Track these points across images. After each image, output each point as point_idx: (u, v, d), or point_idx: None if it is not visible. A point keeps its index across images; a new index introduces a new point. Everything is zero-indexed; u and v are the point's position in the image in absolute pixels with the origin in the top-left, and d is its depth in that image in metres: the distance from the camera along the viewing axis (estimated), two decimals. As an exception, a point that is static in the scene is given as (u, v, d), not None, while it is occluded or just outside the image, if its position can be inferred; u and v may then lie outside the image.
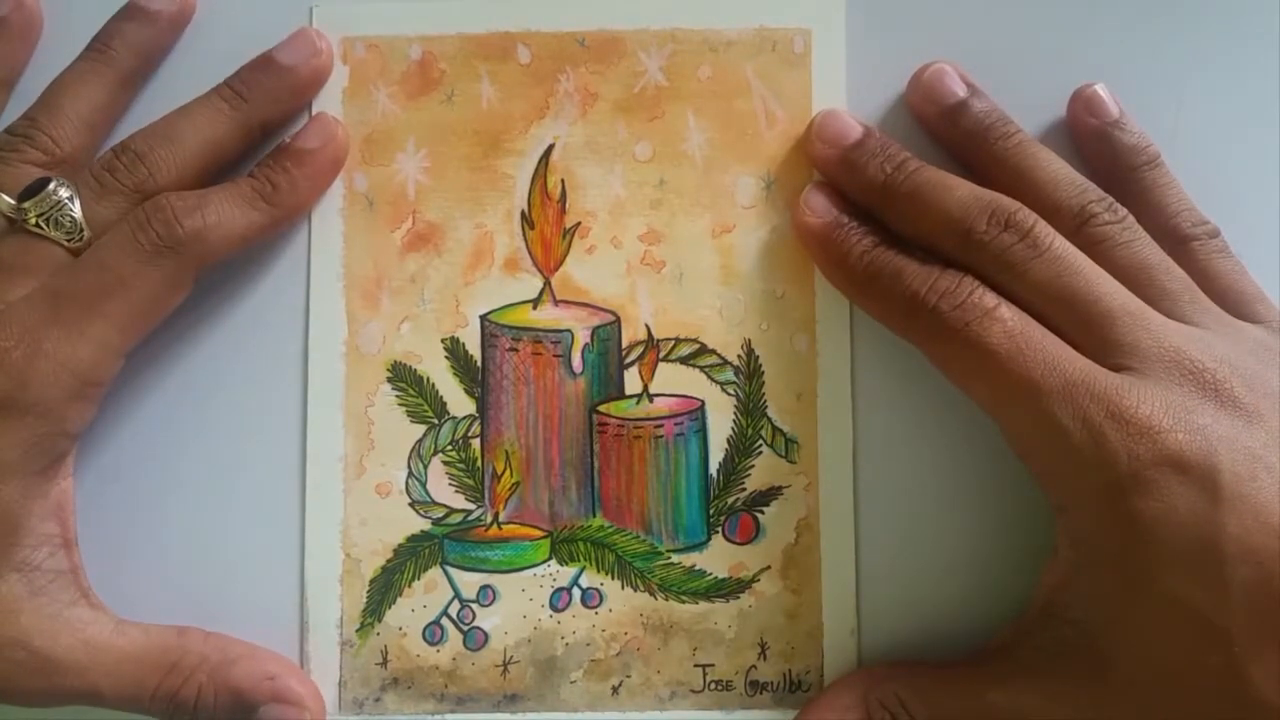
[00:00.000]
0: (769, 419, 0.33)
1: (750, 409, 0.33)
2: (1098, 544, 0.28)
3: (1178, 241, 0.31)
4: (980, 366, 0.29)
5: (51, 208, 0.30)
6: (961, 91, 0.32)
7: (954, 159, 0.33)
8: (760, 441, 0.33)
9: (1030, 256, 0.29)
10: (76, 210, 0.30)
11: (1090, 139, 0.33)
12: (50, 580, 0.30)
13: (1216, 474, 0.26)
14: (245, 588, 0.33)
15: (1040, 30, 0.34)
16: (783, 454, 0.33)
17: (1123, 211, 0.30)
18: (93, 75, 0.33)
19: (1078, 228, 0.30)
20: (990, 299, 0.29)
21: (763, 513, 0.33)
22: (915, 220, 0.31)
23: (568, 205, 0.34)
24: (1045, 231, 0.29)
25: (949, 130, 0.32)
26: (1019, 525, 0.32)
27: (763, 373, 0.33)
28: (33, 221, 0.30)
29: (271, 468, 0.33)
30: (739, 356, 0.33)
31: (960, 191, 0.30)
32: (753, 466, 0.33)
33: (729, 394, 0.33)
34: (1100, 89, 0.33)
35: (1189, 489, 0.26)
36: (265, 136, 0.33)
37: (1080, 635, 0.28)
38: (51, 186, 0.30)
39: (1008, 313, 0.28)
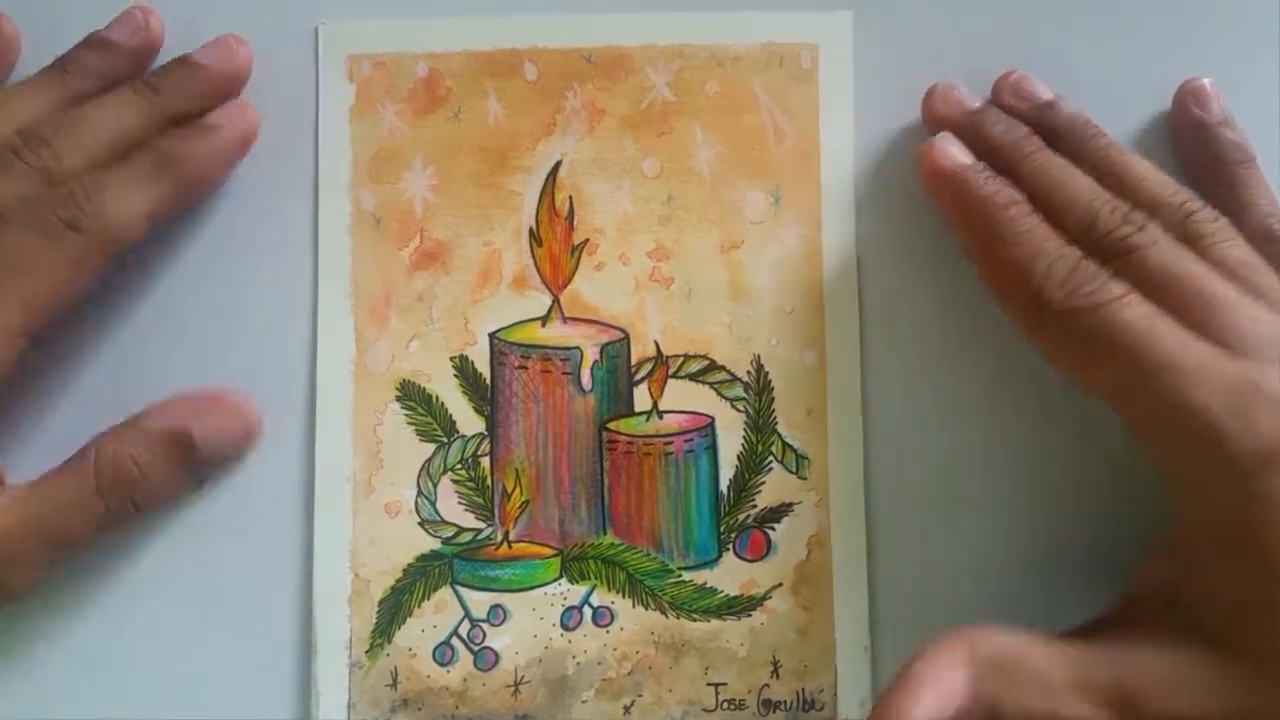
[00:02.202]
0: (779, 435, 0.33)
1: (760, 425, 0.33)
2: (1236, 524, 0.27)
3: (1264, 240, 0.31)
4: (1111, 346, 0.28)
5: None
6: (1050, 94, 0.33)
7: None
8: (770, 458, 0.33)
9: (1148, 242, 0.29)
10: None
11: (1193, 131, 0.33)
12: None
13: None
14: (252, 608, 0.32)
15: (1044, 43, 0.34)
16: (793, 470, 0.33)
17: (1217, 212, 0.30)
18: (43, 91, 0.32)
19: (1181, 221, 0.30)
20: (1120, 288, 0.28)
21: (774, 529, 0.33)
22: (1039, 196, 0.30)
23: (576, 222, 0.33)
24: (1157, 228, 0.29)
25: (1037, 126, 0.32)
26: (1033, 539, 0.32)
27: (772, 389, 0.33)
28: None
29: (279, 487, 0.33)
30: (748, 372, 0.33)
31: (1084, 179, 0.30)
32: (763, 483, 0.33)
33: (739, 410, 0.33)
34: (1208, 83, 0.33)
35: None
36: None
37: (1206, 620, 0.27)
38: None
39: (1137, 299, 0.28)
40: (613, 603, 0.33)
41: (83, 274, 0.30)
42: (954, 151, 0.31)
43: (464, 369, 0.33)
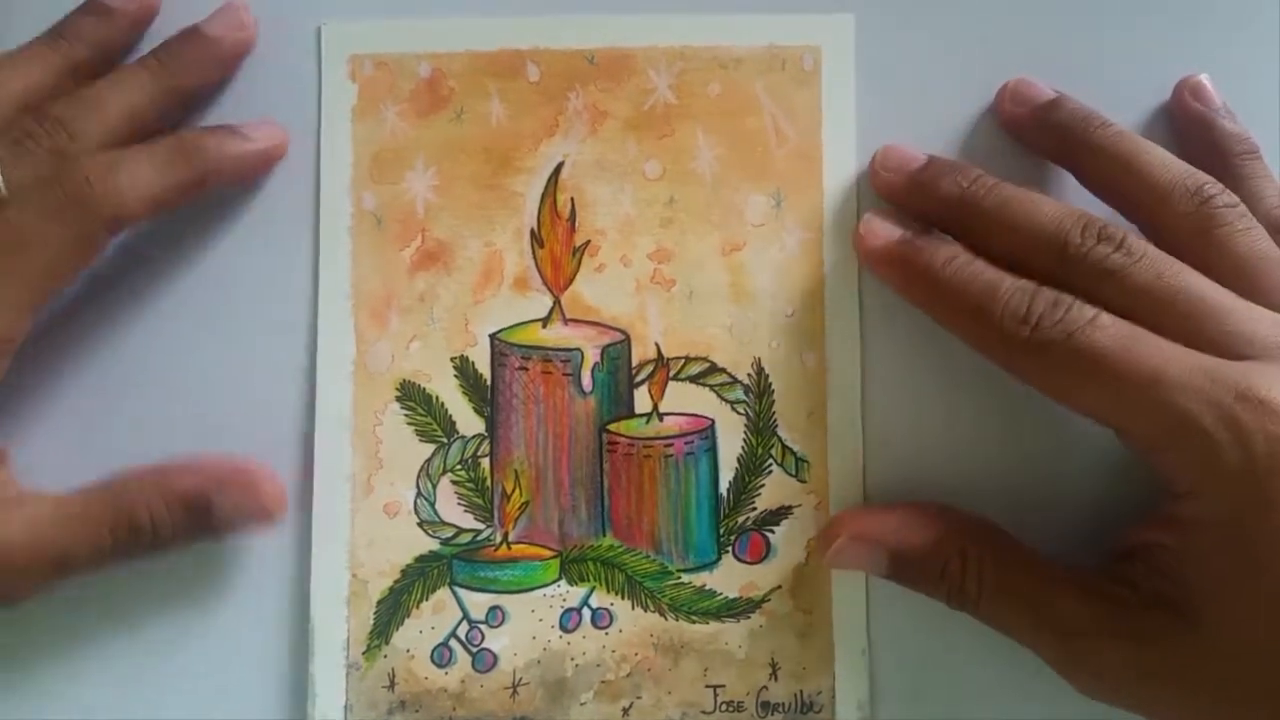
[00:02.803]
0: (779, 438, 0.33)
1: (760, 427, 0.33)
2: (1229, 526, 0.27)
3: (1273, 232, 0.30)
4: (1092, 370, 0.27)
5: None
6: (1051, 94, 0.33)
7: (1045, 156, 0.33)
8: (770, 460, 0.33)
9: (1130, 262, 0.28)
10: None
11: (1195, 124, 0.33)
12: None
13: None
14: (250, 610, 0.32)
15: (1044, 43, 0.34)
16: (793, 473, 0.33)
17: (1236, 198, 0.30)
18: (39, 59, 0.32)
19: (1197, 207, 0.29)
20: (1089, 310, 0.28)
21: (773, 532, 0.33)
22: (1002, 235, 0.30)
23: (577, 223, 0.33)
24: (1138, 241, 0.29)
25: (1040, 127, 0.32)
26: (1033, 540, 0.32)
27: (772, 391, 0.33)
28: None
29: (278, 487, 0.33)
30: (749, 375, 0.33)
31: (1049, 205, 0.30)
32: (763, 485, 0.33)
33: (739, 413, 0.33)
34: (1205, 79, 0.33)
35: None
36: (186, 109, 0.33)
37: (1179, 594, 0.27)
38: None
39: (1108, 320, 0.28)
40: (612, 604, 0.33)
41: (86, 252, 0.31)
42: (880, 229, 0.31)
43: (464, 370, 0.33)
